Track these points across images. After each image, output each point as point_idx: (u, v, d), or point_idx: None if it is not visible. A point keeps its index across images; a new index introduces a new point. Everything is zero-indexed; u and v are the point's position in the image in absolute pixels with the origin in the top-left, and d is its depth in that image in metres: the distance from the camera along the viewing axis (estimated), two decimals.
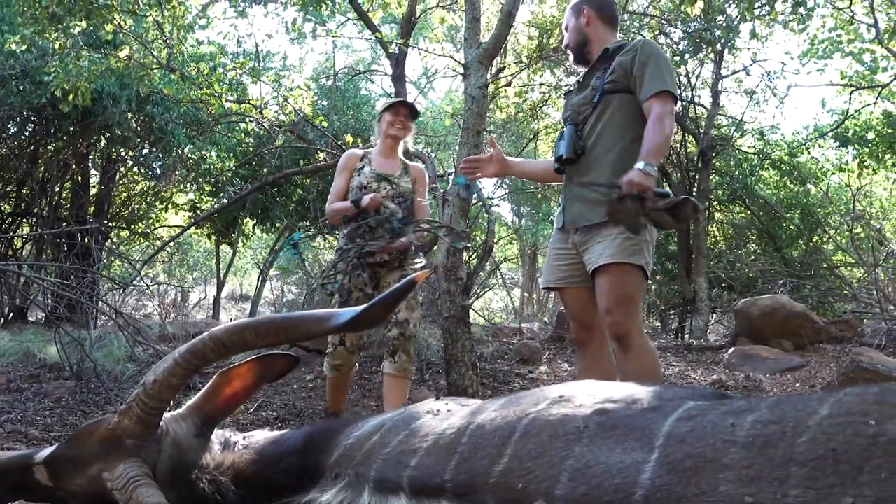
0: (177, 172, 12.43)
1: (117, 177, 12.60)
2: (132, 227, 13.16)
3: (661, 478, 1.09)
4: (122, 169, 12.74)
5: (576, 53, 3.28)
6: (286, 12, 9.71)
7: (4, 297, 10.24)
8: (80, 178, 11.87)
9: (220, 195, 12.57)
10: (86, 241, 9.19)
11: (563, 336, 8.18)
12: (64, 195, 12.14)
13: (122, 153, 12.09)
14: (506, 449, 1.30)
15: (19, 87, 9.43)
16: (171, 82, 8.39)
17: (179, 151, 11.63)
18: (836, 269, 11.83)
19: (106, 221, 11.61)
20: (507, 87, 8.51)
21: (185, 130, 10.78)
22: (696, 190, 11.35)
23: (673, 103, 2.90)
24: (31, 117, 10.63)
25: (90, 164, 12.27)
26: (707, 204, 11.81)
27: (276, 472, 1.75)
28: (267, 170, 11.05)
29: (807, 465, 0.98)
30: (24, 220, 12.06)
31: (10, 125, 10.80)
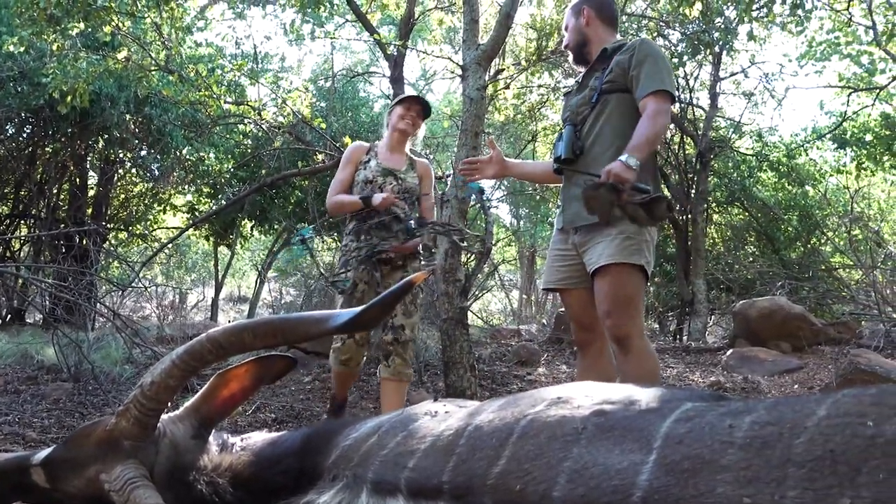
0: (175, 174, 12.43)
1: (115, 178, 12.59)
2: (130, 228, 13.14)
3: (659, 479, 1.09)
4: (121, 170, 12.73)
5: (575, 54, 3.28)
6: (284, 14, 9.75)
7: (2, 299, 10.23)
8: (78, 180, 11.85)
9: (219, 197, 12.57)
10: (84, 242, 9.19)
11: (562, 338, 8.18)
12: (62, 197, 12.13)
13: (121, 155, 12.08)
14: (504, 450, 1.30)
15: (17, 88, 9.43)
16: (170, 84, 8.39)
17: (178, 153, 11.62)
18: (835, 271, 11.85)
19: (104, 223, 11.59)
20: (505, 89, 8.52)
21: (183, 132, 10.77)
22: (694, 191, 11.37)
23: (669, 102, 2.90)
24: (29, 119, 10.62)
25: (88, 166, 12.26)
26: (705, 205, 11.82)
27: (273, 473, 1.75)
28: (265, 171, 11.05)
29: (804, 466, 0.98)
30: (21, 222, 12.04)
31: (8, 127, 10.79)
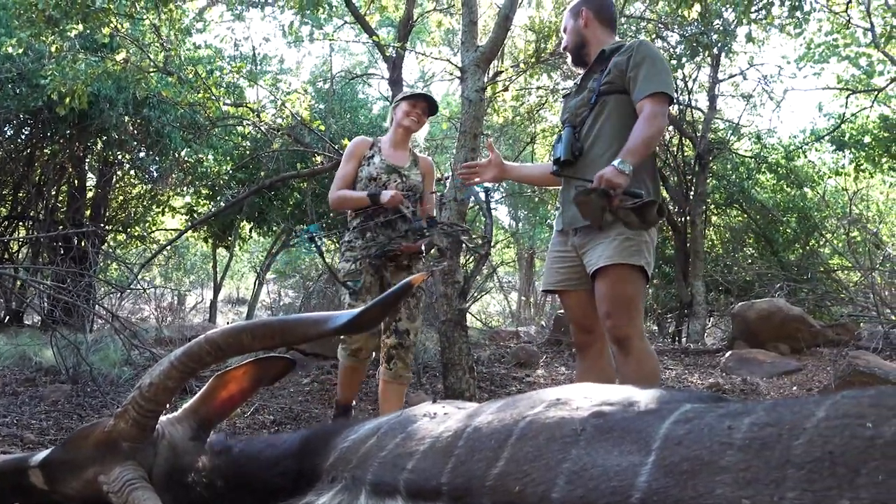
0: (173, 176, 12.44)
1: (114, 180, 12.59)
2: (129, 230, 13.14)
3: (657, 480, 1.09)
4: (119, 172, 12.73)
5: (574, 55, 3.28)
6: (283, 16, 9.76)
7: (0, 301, 10.22)
8: (76, 182, 11.84)
9: (217, 198, 12.56)
10: (82, 244, 9.18)
11: (560, 340, 8.18)
12: (60, 198, 12.13)
13: (119, 156, 12.08)
14: (502, 452, 1.30)
15: (16, 90, 9.43)
16: (168, 85, 8.40)
17: (176, 155, 11.63)
18: (833, 273, 11.85)
19: (102, 225, 11.58)
20: (504, 91, 8.53)
21: (181, 134, 10.77)
22: (693, 193, 11.37)
23: (667, 104, 2.90)
24: (28, 120, 10.62)
25: (87, 168, 12.26)
26: (704, 207, 11.82)
27: (272, 475, 1.75)
28: (264, 173, 11.05)
29: (804, 467, 0.98)
30: (20, 224, 12.03)
31: (6, 128, 10.78)
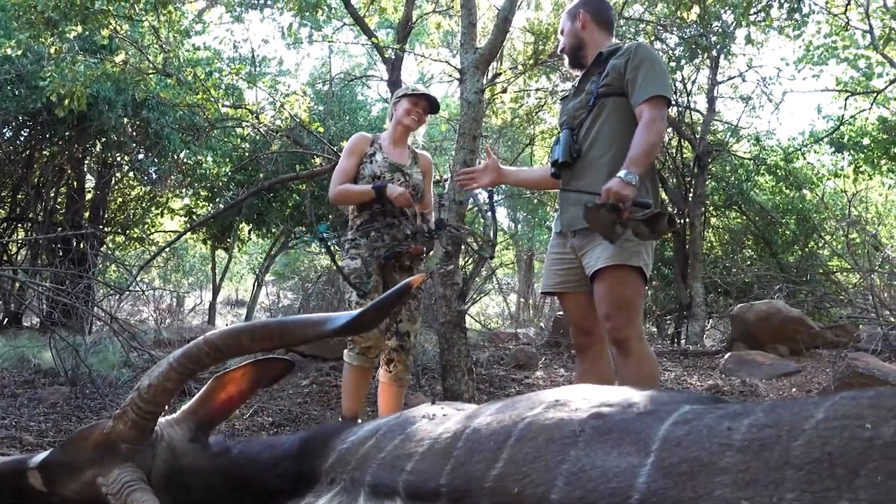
0: (172, 177, 12.44)
1: (113, 182, 12.60)
2: (128, 232, 13.15)
3: (657, 481, 1.09)
4: (118, 174, 12.73)
5: (571, 57, 3.29)
6: (282, 17, 9.72)
7: None
8: (75, 183, 11.85)
9: (216, 200, 12.56)
10: (81, 246, 9.17)
11: (560, 341, 8.19)
12: (59, 200, 12.14)
13: (118, 158, 12.08)
14: (501, 453, 1.30)
15: (15, 91, 9.43)
16: (167, 87, 8.39)
17: (175, 156, 11.64)
18: (832, 275, 11.85)
19: (101, 226, 11.58)
20: (502, 93, 8.53)
21: (180, 135, 10.78)
22: (691, 195, 11.37)
23: (665, 107, 2.90)
24: (27, 122, 10.62)
25: (86, 169, 12.27)
26: (703, 209, 11.82)
27: (271, 476, 1.75)
28: (263, 175, 11.04)
29: (803, 468, 0.98)
30: (19, 225, 12.04)
31: (5, 130, 10.79)
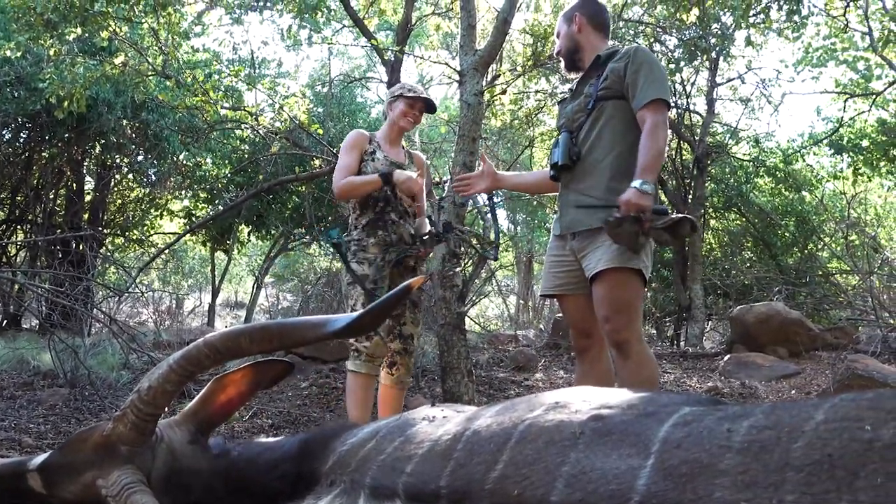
0: (172, 179, 12.44)
1: (112, 183, 12.60)
2: (127, 234, 13.15)
3: (656, 483, 1.09)
4: (117, 176, 12.74)
5: (567, 60, 3.29)
6: (282, 19, 9.71)
7: None
8: (74, 185, 11.86)
9: (216, 202, 12.56)
10: (80, 248, 9.17)
11: (559, 343, 8.19)
12: (58, 202, 12.14)
13: (117, 160, 12.09)
14: (501, 455, 1.30)
15: (14, 93, 9.44)
16: (167, 89, 8.40)
17: (174, 158, 11.64)
18: (832, 277, 11.86)
19: (101, 228, 11.59)
20: (502, 95, 8.53)
21: (180, 137, 10.78)
22: (691, 197, 11.38)
23: (666, 110, 2.91)
24: (26, 124, 10.62)
25: (85, 171, 12.28)
26: (702, 211, 11.83)
27: (270, 478, 1.74)
28: (262, 177, 11.04)
29: (802, 470, 0.98)
30: (18, 227, 12.04)
31: (4, 132, 10.79)
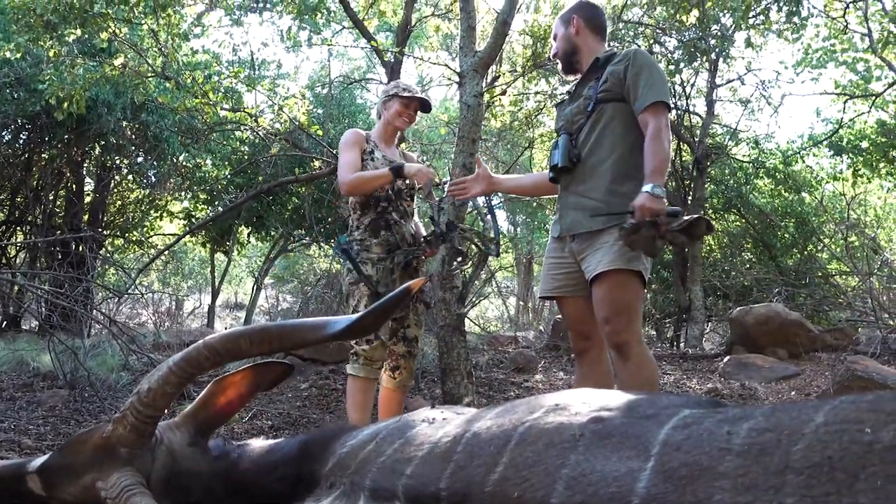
0: (171, 181, 12.45)
1: (112, 185, 12.61)
2: (127, 235, 13.15)
3: (656, 486, 1.09)
4: (117, 177, 12.74)
5: (564, 62, 3.30)
6: (281, 21, 9.72)
7: None
8: (74, 187, 11.86)
9: (215, 203, 12.55)
10: (80, 249, 9.17)
11: (559, 345, 8.19)
12: (58, 203, 12.14)
13: (117, 161, 12.09)
14: (501, 457, 1.30)
15: (14, 95, 9.44)
16: (166, 90, 8.40)
17: (174, 160, 11.64)
18: (831, 278, 11.87)
19: (100, 230, 11.60)
20: (502, 96, 8.54)
21: (179, 139, 10.79)
22: (691, 198, 11.37)
23: (667, 112, 2.93)
24: (26, 125, 10.62)
25: (84, 173, 12.28)
26: (702, 212, 11.81)
27: (270, 480, 1.74)
28: (262, 178, 11.03)
29: (803, 472, 0.98)
30: (17, 228, 12.04)
31: (4, 133, 10.80)
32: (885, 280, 9.85)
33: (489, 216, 3.80)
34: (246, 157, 11.89)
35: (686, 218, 2.70)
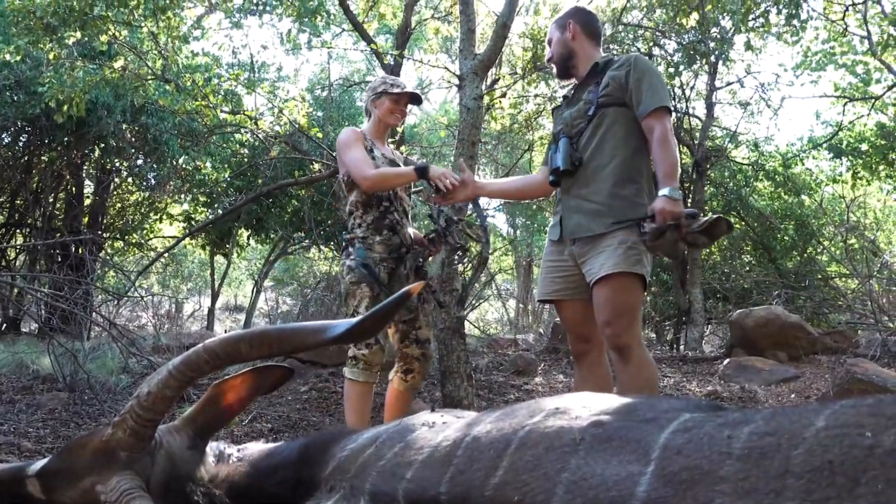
0: (171, 183, 12.45)
1: (111, 187, 12.61)
2: (126, 237, 13.15)
3: (657, 490, 1.09)
4: (117, 179, 12.74)
5: (560, 67, 3.32)
6: (281, 23, 9.74)
7: None
8: (74, 189, 11.86)
9: (215, 206, 12.56)
10: (80, 251, 9.17)
11: (558, 347, 8.18)
12: (58, 206, 12.14)
13: (117, 164, 12.09)
14: (501, 461, 1.30)
15: (13, 97, 9.44)
16: (166, 93, 8.39)
17: (174, 162, 11.64)
18: (831, 280, 11.86)
19: (100, 232, 11.59)
20: (501, 99, 8.54)
21: (179, 141, 10.79)
22: (690, 201, 11.37)
23: (669, 116, 2.96)
24: (26, 128, 10.62)
25: (84, 175, 12.27)
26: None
27: (270, 484, 1.74)
28: (262, 181, 11.04)
29: (803, 477, 0.98)
30: (17, 231, 12.04)
31: (4, 136, 10.81)
32: (885, 283, 9.84)
33: (477, 217, 3.80)
34: (246, 159, 11.91)
35: (705, 219, 2.74)
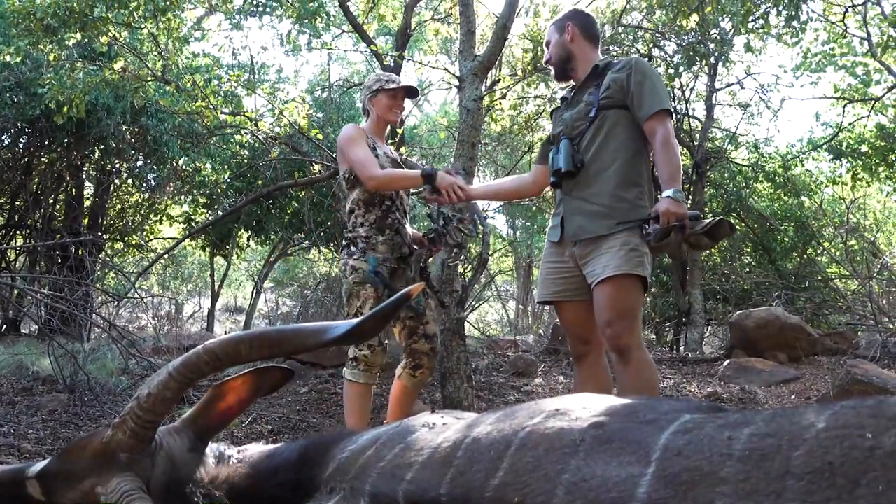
0: (171, 184, 12.45)
1: (111, 188, 12.60)
2: (126, 239, 13.15)
3: (657, 491, 1.09)
4: (117, 181, 12.74)
5: (558, 69, 3.33)
6: (281, 24, 9.76)
7: None
8: (74, 190, 11.85)
9: (215, 207, 12.56)
10: (80, 253, 9.17)
11: (558, 348, 8.18)
12: (58, 207, 12.14)
13: (117, 165, 12.09)
14: (501, 462, 1.30)
15: (13, 98, 9.44)
16: (166, 94, 8.40)
17: (174, 163, 11.64)
18: (831, 282, 11.85)
19: (100, 233, 11.59)
20: (501, 100, 8.53)
21: (179, 142, 10.79)
22: (690, 202, 11.37)
23: (670, 119, 2.98)
24: (26, 129, 10.61)
25: (84, 176, 12.26)
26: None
27: (270, 485, 1.74)
28: (262, 182, 11.05)
29: (803, 478, 0.98)
30: (17, 232, 12.03)
31: (4, 137, 10.80)
32: (885, 284, 9.84)
33: (473, 217, 3.81)
34: (246, 160, 11.90)
35: (708, 220, 2.75)
